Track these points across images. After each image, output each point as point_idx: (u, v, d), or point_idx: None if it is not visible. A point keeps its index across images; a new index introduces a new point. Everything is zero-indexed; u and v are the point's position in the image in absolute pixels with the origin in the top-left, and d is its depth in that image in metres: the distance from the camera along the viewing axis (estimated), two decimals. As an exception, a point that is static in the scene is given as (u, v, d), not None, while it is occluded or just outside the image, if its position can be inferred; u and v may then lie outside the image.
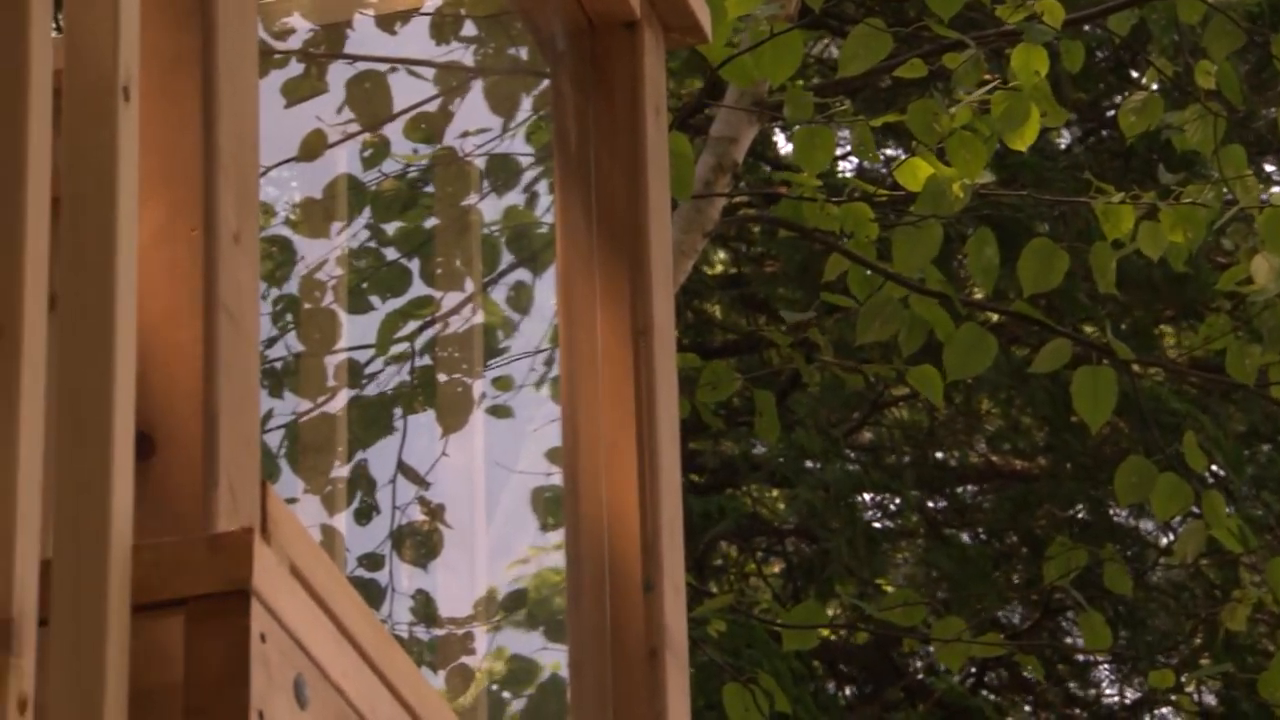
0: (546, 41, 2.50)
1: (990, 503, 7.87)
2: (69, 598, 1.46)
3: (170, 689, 1.50)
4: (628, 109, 2.42)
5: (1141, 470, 4.82)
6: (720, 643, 5.83)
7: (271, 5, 2.95)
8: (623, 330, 2.36)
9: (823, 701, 7.15)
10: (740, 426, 7.33)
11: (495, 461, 2.91)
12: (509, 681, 3.01)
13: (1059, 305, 6.75)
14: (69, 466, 1.49)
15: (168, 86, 1.67)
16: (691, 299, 7.76)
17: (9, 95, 1.48)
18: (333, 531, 3.03)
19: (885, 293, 4.83)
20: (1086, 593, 5.58)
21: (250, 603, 1.51)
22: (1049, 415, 7.37)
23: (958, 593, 7.22)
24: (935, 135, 4.62)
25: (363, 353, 3.34)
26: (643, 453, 2.31)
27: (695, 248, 5.02)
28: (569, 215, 2.41)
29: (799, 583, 7.81)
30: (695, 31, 2.50)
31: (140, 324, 1.58)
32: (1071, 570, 5.02)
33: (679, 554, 2.33)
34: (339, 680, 1.62)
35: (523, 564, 2.89)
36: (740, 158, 5.10)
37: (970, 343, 4.69)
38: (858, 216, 4.89)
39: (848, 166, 7.60)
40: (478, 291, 3.06)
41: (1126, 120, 4.91)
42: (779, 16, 4.58)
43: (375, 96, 3.09)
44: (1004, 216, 6.65)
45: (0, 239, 1.47)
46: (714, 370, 5.16)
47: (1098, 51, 7.49)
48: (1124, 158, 7.47)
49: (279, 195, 3.16)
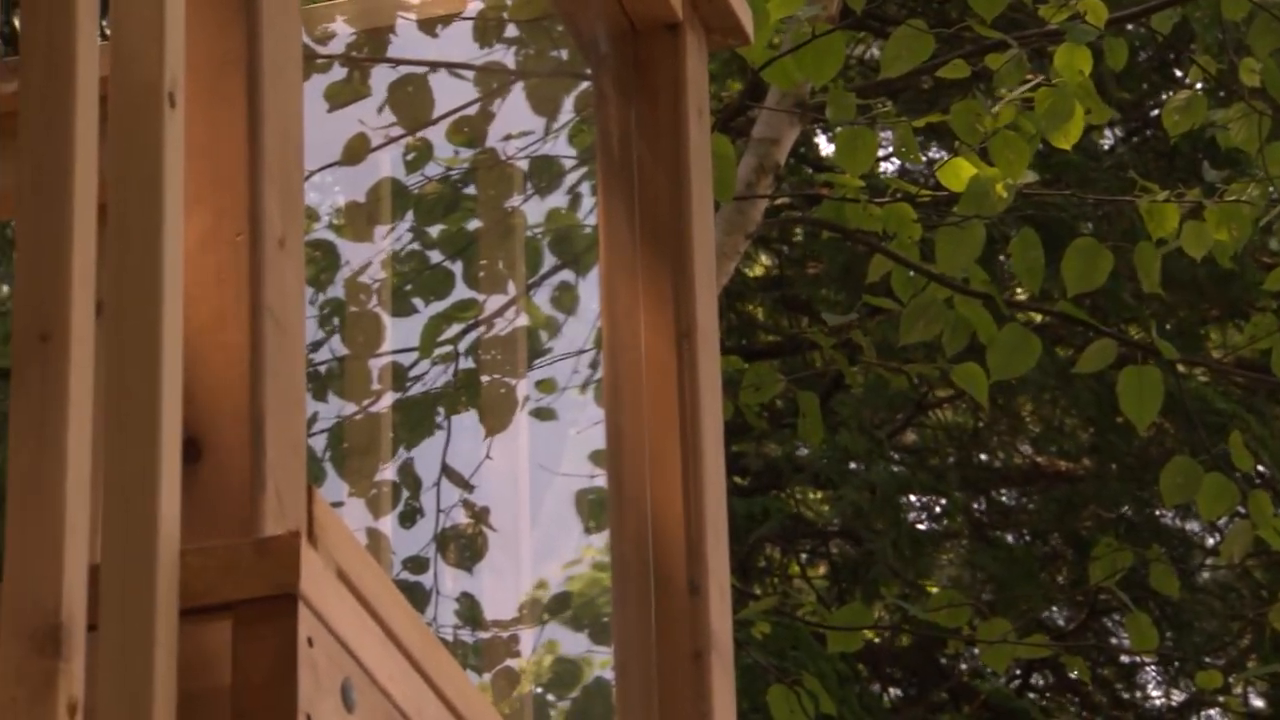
0: (589, 44, 2.50)
1: (1035, 504, 7.84)
2: (117, 602, 1.46)
3: (218, 693, 1.51)
4: (670, 111, 2.41)
5: (1187, 470, 4.80)
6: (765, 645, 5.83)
7: (314, 10, 2.95)
8: (666, 332, 2.36)
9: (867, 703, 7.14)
10: (784, 428, 7.32)
11: (539, 464, 2.91)
12: (554, 684, 3.01)
13: (1103, 305, 6.73)
14: (117, 471, 1.50)
15: (213, 92, 1.68)
16: (734, 301, 7.75)
17: (56, 102, 1.49)
18: (378, 535, 3.03)
19: (929, 294, 4.81)
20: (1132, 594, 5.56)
21: (297, 607, 1.51)
22: (1094, 416, 7.35)
23: (1003, 594, 7.20)
24: (978, 135, 4.61)
25: (407, 356, 3.35)
26: (687, 455, 2.31)
27: (737, 249, 5.02)
28: (612, 217, 2.41)
29: (843, 584, 7.80)
30: (737, 33, 2.50)
31: (187, 329, 1.59)
32: (1117, 571, 5.01)
33: (724, 556, 2.33)
34: (386, 683, 1.62)
35: (567, 566, 2.90)
36: (782, 159, 5.10)
37: (1014, 343, 4.68)
38: (900, 217, 4.88)
39: (890, 167, 7.59)
40: (521, 294, 3.06)
41: (1170, 119, 4.89)
42: (820, 18, 4.57)
43: (417, 100, 3.10)
44: (1048, 216, 6.62)
45: (47, 245, 1.47)
46: (757, 372, 5.15)
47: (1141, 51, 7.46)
48: (1168, 157, 7.44)
49: (322, 199, 3.17)
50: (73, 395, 1.44)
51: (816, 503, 7.96)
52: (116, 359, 1.51)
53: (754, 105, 5.29)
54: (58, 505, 1.42)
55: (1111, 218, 6.78)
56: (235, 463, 1.61)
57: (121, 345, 1.51)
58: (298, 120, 1.72)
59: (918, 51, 4.51)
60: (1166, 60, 7.66)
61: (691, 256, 2.38)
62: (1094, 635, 7.82)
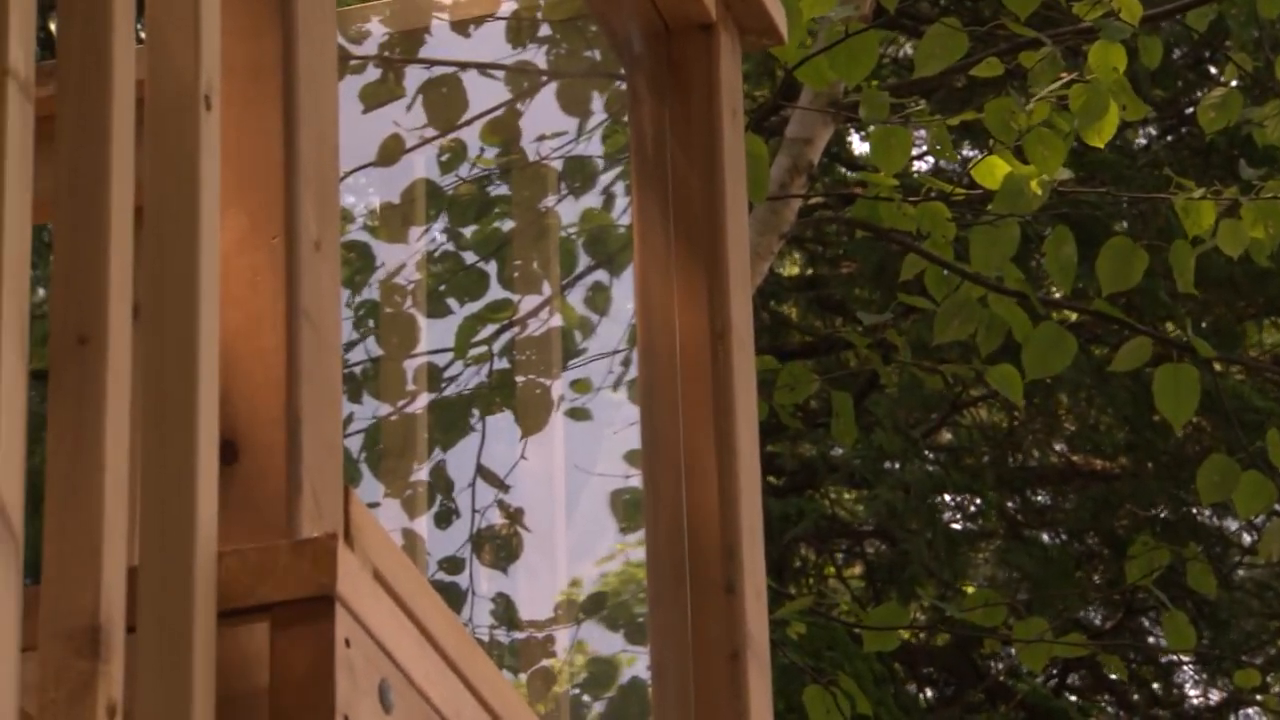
0: (623, 44, 2.50)
1: (1071, 503, 7.82)
2: (155, 604, 1.47)
3: (256, 695, 1.51)
4: (704, 111, 2.41)
5: (1224, 469, 4.78)
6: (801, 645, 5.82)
7: (348, 11, 2.96)
8: (701, 332, 2.36)
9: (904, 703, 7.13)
10: (818, 428, 7.31)
11: (574, 464, 2.91)
12: (589, 684, 3.01)
13: (1139, 303, 6.70)
14: (154, 474, 1.50)
15: (249, 95, 1.68)
16: (767, 300, 7.75)
17: (93, 105, 1.49)
18: (414, 535, 3.04)
19: (963, 292, 4.80)
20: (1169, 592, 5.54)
21: (335, 608, 1.52)
22: (1129, 414, 7.32)
23: (1039, 593, 7.19)
24: (1012, 133, 4.60)
25: (441, 356, 3.35)
26: (722, 455, 2.31)
27: (771, 249, 5.02)
28: (646, 217, 2.41)
29: (878, 584, 7.79)
30: (771, 33, 2.50)
31: (223, 331, 1.59)
32: (1155, 570, 4.99)
33: (760, 556, 2.32)
34: (423, 685, 1.62)
35: (602, 567, 2.90)
36: (816, 159, 5.09)
37: (1049, 342, 4.67)
38: (934, 216, 4.87)
39: (923, 166, 7.57)
40: (555, 294, 3.06)
41: (1206, 116, 4.87)
42: (854, 17, 4.57)
43: (451, 101, 3.10)
44: (1082, 215, 6.61)
45: (85, 248, 1.48)
46: (792, 372, 5.15)
47: (1176, 48, 7.44)
48: (1204, 154, 7.41)
49: (357, 201, 3.18)
50: (110, 398, 1.45)
51: (851, 503, 7.95)
52: (153, 361, 1.52)
53: (787, 105, 5.29)
54: (96, 508, 1.42)
55: (1147, 216, 6.76)
56: (272, 465, 1.61)
57: (158, 348, 1.52)
58: (333, 122, 1.72)
59: (952, 50, 4.50)
60: (1201, 57, 7.63)
61: (726, 256, 2.37)
62: (1130, 634, 7.80)
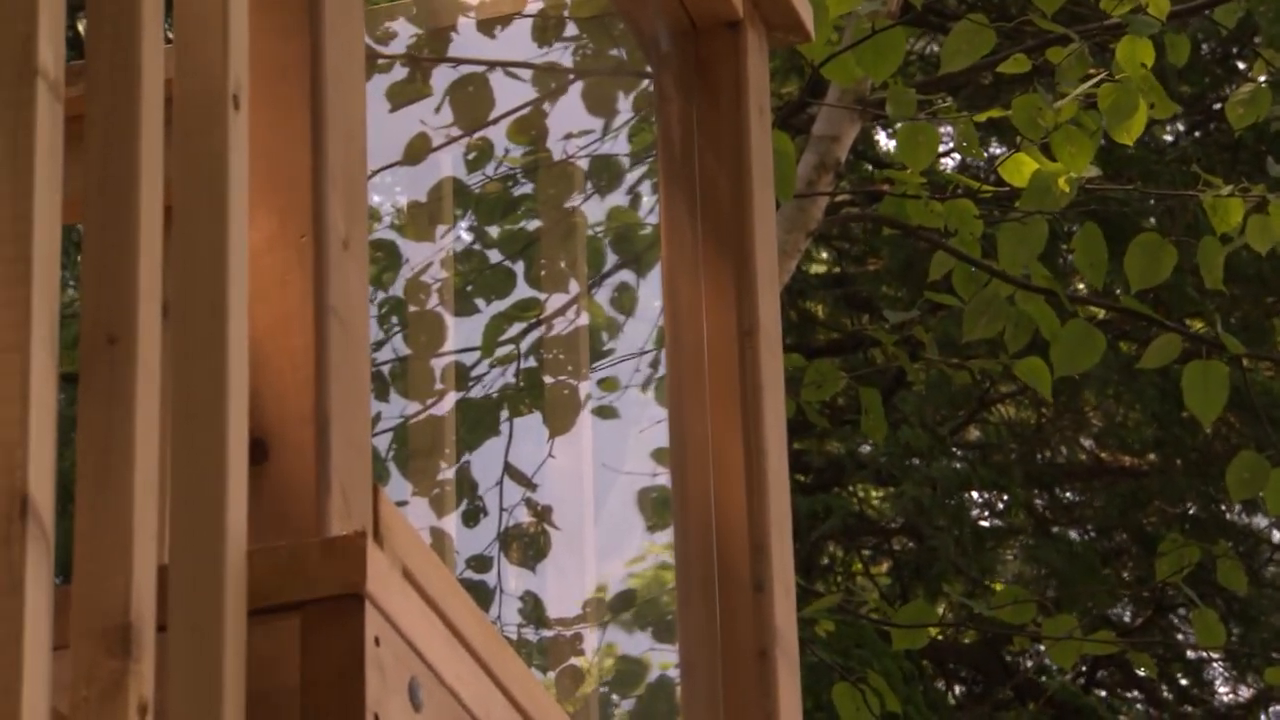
0: (649, 42, 2.50)
1: (1099, 499, 7.80)
2: (186, 603, 1.47)
3: (286, 692, 1.51)
4: (731, 109, 2.41)
5: (1254, 465, 4.77)
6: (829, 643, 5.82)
7: (375, 10, 2.96)
8: (728, 330, 2.36)
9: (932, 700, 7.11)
10: (845, 425, 7.30)
11: (601, 463, 2.91)
12: (618, 683, 3.01)
13: (1167, 300, 6.69)
14: (184, 473, 1.50)
15: (277, 94, 1.68)
16: (795, 298, 7.74)
17: (122, 105, 1.50)
18: (442, 534, 3.04)
19: (991, 290, 4.79)
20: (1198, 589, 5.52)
21: (364, 606, 1.52)
22: (1157, 411, 7.31)
23: (1067, 590, 7.17)
24: (1040, 130, 4.59)
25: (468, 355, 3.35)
26: (750, 453, 2.31)
27: (798, 247, 5.01)
28: (673, 216, 2.41)
29: (906, 581, 7.78)
30: (798, 30, 2.50)
31: (252, 330, 1.60)
32: (1184, 567, 4.98)
33: (788, 554, 2.32)
34: (453, 683, 1.62)
35: (630, 565, 2.90)
36: (843, 156, 5.09)
37: (1078, 339, 4.66)
38: (962, 213, 4.86)
39: (949, 163, 7.56)
40: (582, 293, 3.06)
41: (1235, 113, 4.86)
42: (881, 14, 4.56)
43: (478, 99, 3.10)
44: (1110, 211, 6.59)
45: (114, 249, 1.48)
46: (819, 369, 5.14)
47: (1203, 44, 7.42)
48: (1232, 150, 7.39)
49: (384, 199, 3.18)
50: (140, 397, 1.45)
51: (879, 500, 7.94)
52: (183, 361, 1.52)
53: (814, 102, 5.28)
54: (126, 507, 1.43)
55: (1175, 212, 6.74)
56: (301, 463, 1.61)
57: (187, 347, 1.52)
58: (361, 122, 1.73)
59: (978, 46, 4.49)
60: (1229, 53, 7.61)
61: (753, 254, 2.37)
62: (1159, 631, 7.78)
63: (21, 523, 1.34)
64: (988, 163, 7.10)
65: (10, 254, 1.37)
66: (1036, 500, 7.85)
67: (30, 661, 1.32)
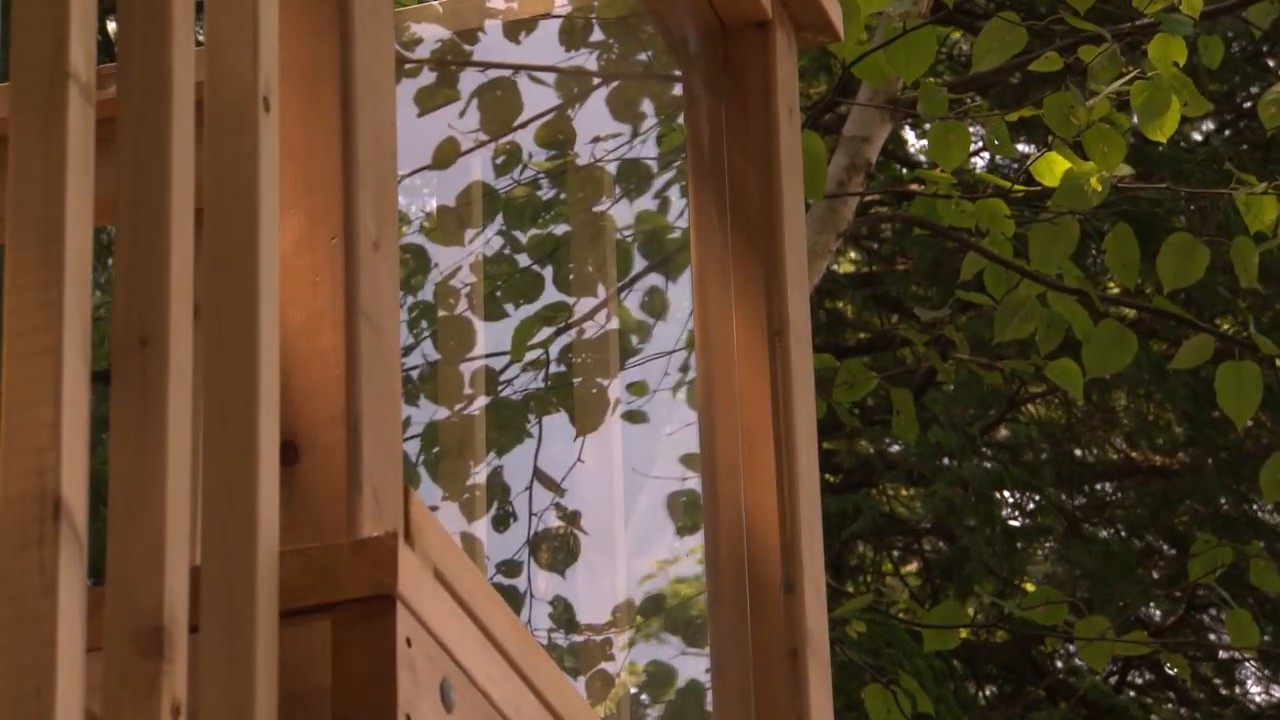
0: (678, 44, 2.50)
1: (1131, 499, 7.78)
2: (218, 604, 1.47)
3: (318, 693, 1.51)
4: (761, 110, 2.41)
5: (1286, 465, 4.75)
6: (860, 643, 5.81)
7: (401, 14, 2.96)
8: (758, 331, 2.35)
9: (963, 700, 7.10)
10: (876, 425, 7.29)
11: (631, 467, 2.91)
12: (648, 686, 3.01)
13: (1199, 300, 6.67)
14: (216, 474, 1.51)
15: (307, 96, 1.68)
16: (825, 298, 7.73)
17: (153, 107, 1.50)
18: (472, 538, 3.04)
19: (1022, 290, 4.78)
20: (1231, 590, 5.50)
21: (396, 607, 1.52)
22: (1189, 410, 7.28)
23: (1099, 590, 7.15)
24: (1072, 129, 4.57)
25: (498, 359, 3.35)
26: (780, 453, 2.30)
27: (829, 248, 5.00)
28: (703, 217, 2.41)
29: (936, 582, 7.76)
30: (827, 30, 2.49)
31: (283, 332, 1.60)
32: (1217, 567, 4.96)
33: (819, 554, 2.32)
34: (484, 684, 1.62)
35: (660, 568, 2.89)
36: (874, 157, 5.08)
37: (1110, 339, 4.64)
38: (993, 213, 4.85)
39: (980, 162, 7.55)
40: (611, 296, 3.06)
41: (1267, 111, 4.84)
42: (912, 13, 4.55)
43: (506, 103, 3.11)
44: (1141, 211, 6.57)
45: (145, 250, 1.48)
46: (849, 369, 5.14)
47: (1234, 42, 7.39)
48: (1264, 149, 7.36)
49: (412, 203, 3.18)
50: (172, 399, 1.45)
51: (909, 499, 7.92)
52: (214, 362, 1.52)
53: (844, 101, 5.27)
54: (158, 508, 1.43)
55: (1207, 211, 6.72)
56: (332, 465, 1.61)
57: (219, 349, 1.52)
58: (390, 124, 1.73)
59: (1010, 45, 4.48)
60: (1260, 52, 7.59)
61: (783, 255, 2.37)
62: (1191, 631, 7.75)
63: (54, 524, 1.34)
64: (1018, 162, 7.09)
65: (42, 256, 1.38)
66: (1068, 500, 7.83)
67: (63, 663, 1.32)
